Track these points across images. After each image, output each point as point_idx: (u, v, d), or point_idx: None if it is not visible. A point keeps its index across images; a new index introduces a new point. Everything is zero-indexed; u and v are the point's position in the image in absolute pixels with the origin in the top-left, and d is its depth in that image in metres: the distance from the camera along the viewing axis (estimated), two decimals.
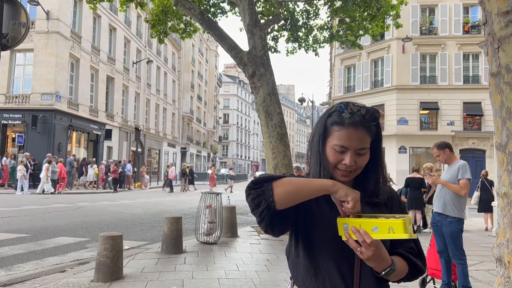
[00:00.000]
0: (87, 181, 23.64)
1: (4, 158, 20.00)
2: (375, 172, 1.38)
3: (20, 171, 18.36)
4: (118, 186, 24.03)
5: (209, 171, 28.21)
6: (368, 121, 1.31)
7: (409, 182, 10.31)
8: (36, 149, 21.05)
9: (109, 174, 23.88)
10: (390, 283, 1.37)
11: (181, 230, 6.67)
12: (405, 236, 1.13)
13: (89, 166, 23.45)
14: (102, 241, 4.90)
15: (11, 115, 22.42)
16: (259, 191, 1.24)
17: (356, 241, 1.17)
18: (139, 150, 31.55)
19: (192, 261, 6.05)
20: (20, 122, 22.39)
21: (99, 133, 27.40)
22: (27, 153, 20.08)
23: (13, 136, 23.36)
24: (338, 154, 1.30)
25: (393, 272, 1.23)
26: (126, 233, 8.58)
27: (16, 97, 22.71)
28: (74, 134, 25.42)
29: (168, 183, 26.30)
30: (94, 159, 25.30)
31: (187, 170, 27.55)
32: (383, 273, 1.23)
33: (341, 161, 1.30)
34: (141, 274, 5.18)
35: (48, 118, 22.09)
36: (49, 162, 19.46)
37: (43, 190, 18.90)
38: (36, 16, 22.28)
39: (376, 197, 1.38)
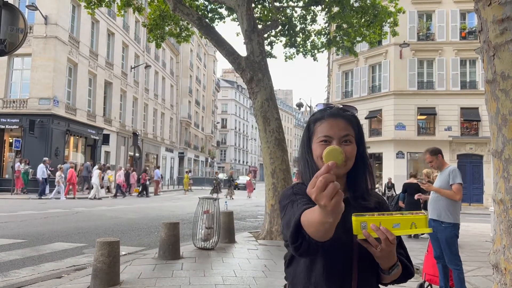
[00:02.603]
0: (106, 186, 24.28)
1: (18, 164, 19.94)
2: (363, 167, 1.41)
3: (58, 177, 19.05)
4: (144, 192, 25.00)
5: (247, 178, 28.51)
6: (345, 111, 1.41)
7: (406, 187, 10.33)
8: (34, 154, 21.01)
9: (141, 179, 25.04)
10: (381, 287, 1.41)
11: (178, 236, 6.65)
12: (427, 230, 1.17)
13: (105, 172, 23.97)
14: (99, 247, 4.88)
15: (8, 120, 22.37)
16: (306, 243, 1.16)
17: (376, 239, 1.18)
18: (137, 155, 31.53)
19: (189, 267, 6.03)
20: (18, 126, 22.33)
21: (97, 138, 27.35)
22: (46, 158, 20.39)
23: (10, 140, 23.27)
24: (325, 146, 1.34)
25: (397, 269, 1.28)
26: (123, 239, 8.55)
27: (14, 102, 22.66)
28: (72, 139, 25.36)
29: (117, 188, 23.27)
30: (108, 164, 25.75)
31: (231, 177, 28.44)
32: (390, 270, 1.27)
33: None
34: (138, 280, 5.16)
35: (45, 122, 22.06)
36: (100, 169, 20.82)
37: (95, 196, 20.01)
38: (34, 21, 22.30)
39: (366, 198, 1.40)
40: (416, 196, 6.65)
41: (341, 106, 1.44)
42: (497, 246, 2.32)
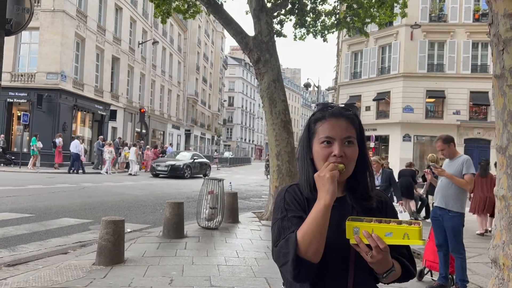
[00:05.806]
0: (122, 163, 24.62)
1: (60, 139, 20.05)
2: (364, 168, 1.40)
3: (110, 152, 20.22)
4: None
5: None
6: (347, 111, 1.39)
7: (400, 173, 10.86)
8: (42, 128, 21.14)
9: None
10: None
11: (182, 215, 6.74)
12: (419, 242, 1.15)
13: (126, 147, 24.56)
14: (104, 225, 4.97)
15: (16, 94, 22.42)
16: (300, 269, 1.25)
17: (367, 245, 1.18)
18: (144, 131, 31.64)
19: (192, 246, 6.13)
20: (26, 100, 22.42)
21: (104, 113, 27.44)
22: (80, 135, 20.98)
23: (19, 114, 23.43)
24: (327, 148, 1.33)
25: (392, 273, 1.27)
26: (129, 216, 8.68)
27: (22, 75, 22.69)
28: (79, 114, 25.47)
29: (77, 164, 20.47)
30: (126, 141, 26.43)
31: None
32: (385, 275, 1.26)
33: (331, 154, 1.32)
34: (142, 259, 5.26)
35: (53, 97, 22.12)
36: (135, 145, 22.09)
37: (136, 172, 21.41)
38: None
39: (368, 199, 1.39)
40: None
41: (343, 105, 1.43)
42: (496, 241, 2.33)
